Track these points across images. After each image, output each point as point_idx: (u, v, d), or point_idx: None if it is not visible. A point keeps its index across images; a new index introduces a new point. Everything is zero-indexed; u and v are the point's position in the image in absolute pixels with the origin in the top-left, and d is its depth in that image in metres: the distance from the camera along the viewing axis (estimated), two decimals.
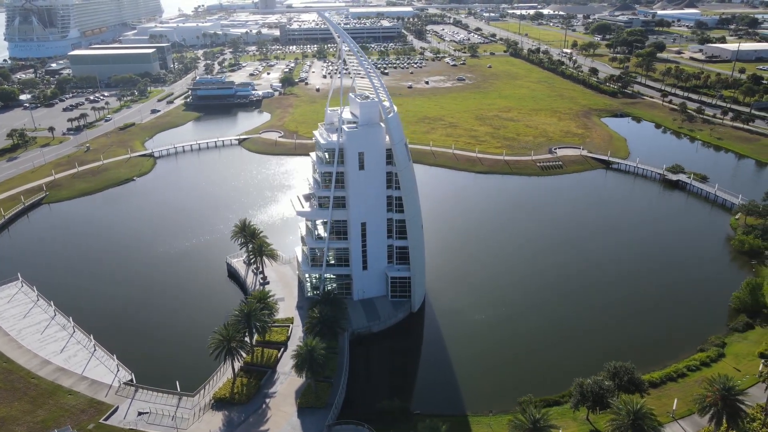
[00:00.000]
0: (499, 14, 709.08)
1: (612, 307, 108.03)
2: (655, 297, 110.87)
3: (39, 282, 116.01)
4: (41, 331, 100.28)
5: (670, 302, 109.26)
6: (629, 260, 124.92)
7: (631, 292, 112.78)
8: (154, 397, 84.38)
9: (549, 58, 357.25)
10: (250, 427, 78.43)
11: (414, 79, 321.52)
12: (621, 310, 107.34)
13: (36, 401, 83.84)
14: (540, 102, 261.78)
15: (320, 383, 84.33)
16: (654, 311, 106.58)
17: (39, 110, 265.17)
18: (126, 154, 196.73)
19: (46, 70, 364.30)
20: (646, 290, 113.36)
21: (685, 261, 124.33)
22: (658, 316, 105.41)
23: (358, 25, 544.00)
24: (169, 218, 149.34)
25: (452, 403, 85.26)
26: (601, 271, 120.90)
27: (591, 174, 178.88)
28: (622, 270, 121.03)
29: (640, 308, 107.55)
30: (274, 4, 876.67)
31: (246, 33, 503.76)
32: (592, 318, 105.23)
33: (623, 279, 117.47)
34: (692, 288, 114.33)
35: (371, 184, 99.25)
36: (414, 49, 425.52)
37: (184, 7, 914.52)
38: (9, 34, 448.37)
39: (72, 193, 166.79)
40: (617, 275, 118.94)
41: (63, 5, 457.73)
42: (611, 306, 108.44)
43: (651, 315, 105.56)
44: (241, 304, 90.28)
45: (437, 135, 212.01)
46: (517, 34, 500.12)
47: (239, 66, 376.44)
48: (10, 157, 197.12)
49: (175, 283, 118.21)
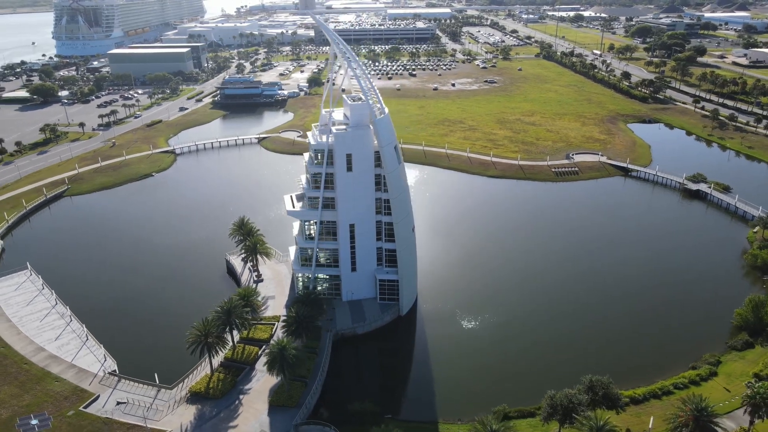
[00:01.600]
0: (538, 16, 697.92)
1: (612, 319, 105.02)
2: (658, 310, 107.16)
3: (48, 271, 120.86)
4: (41, 319, 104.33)
5: (672, 316, 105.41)
6: (635, 271, 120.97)
7: (633, 304, 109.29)
8: (135, 388, 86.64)
9: (581, 62, 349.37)
10: (220, 422, 79.64)
11: (441, 81, 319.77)
12: (621, 322, 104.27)
13: (24, 386, 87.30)
14: (565, 106, 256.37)
15: (294, 382, 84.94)
16: (654, 325, 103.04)
17: (75, 106, 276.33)
18: (148, 150, 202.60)
19: (87, 68, 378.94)
20: (649, 302, 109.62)
21: (694, 274, 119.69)
22: (657, 329, 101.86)
23: (392, 27, 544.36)
24: (179, 213, 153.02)
25: (426, 409, 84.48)
26: (605, 282, 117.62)
27: (608, 181, 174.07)
28: (626, 281, 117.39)
29: (640, 321, 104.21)
30: (313, 5, 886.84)
31: (281, 33, 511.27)
32: (589, 330, 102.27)
33: (626, 290, 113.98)
34: (697, 302, 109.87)
35: (359, 186, 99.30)
36: (445, 51, 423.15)
37: (227, 8, 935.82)
38: (56, 32, 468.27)
39: (92, 187, 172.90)
40: (620, 286, 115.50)
41: (108, 5, 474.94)
42: (611, 317, 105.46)
43: (650, 328, 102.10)
44: (222, 300, 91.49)
45: (455, 138, 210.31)
46: (554, 37, 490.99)
47: (271, 66, 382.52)
48: (41, 150, 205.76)
49: (176, 277, 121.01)
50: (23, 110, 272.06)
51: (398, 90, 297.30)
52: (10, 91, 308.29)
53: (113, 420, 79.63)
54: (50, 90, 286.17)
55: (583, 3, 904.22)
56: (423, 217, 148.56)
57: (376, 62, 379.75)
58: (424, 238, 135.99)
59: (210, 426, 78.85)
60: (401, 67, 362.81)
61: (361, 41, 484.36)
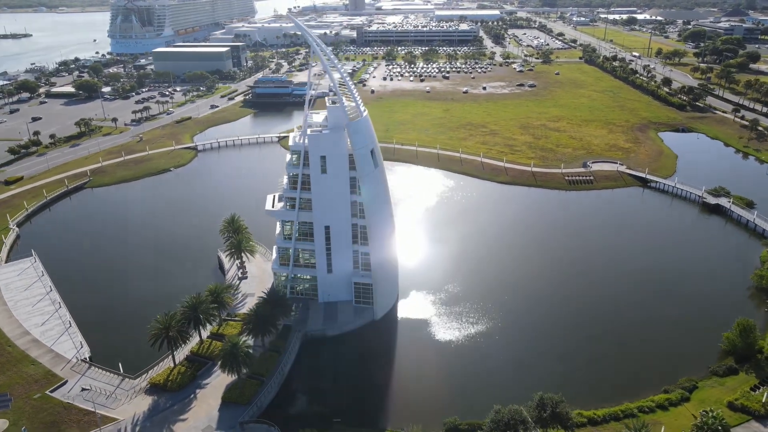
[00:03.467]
0: (590, 19, 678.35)
1: (599, 335, 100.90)
2: (649, 327, 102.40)
3: (52, 259, 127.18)
4: (33, 304, 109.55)
5: (662, 335, 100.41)
6: (633, 286, 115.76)
7: (623, 320, 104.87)
8: (102, 376, 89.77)
9: (622, 67, 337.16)
10: (171, 414, 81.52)
11: (473, 84, 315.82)
12: (607, 338, 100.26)
13: (3, 367, 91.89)
14: (595, 113, 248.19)
15: (250, 380, 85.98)
16: (641, 342, 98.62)
17: (115, 102, 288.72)
18: (171, 146, 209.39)
19: (134, 66, 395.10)
20: (640, 319, 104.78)
21: (696, 292, 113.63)
22: (643, 348, 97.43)
23: (434, 28, 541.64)
24: (185, 208, 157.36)
25: (377, 416, 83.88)
26: (598, 296, 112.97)
27: (624, 191, 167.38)
28: (621, 296, 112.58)
29: (627, 338, 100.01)
30: (363, 6, 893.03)
31: (324, 34, 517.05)
32: (573, 344, 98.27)
33: (619, 305, 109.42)
34: (691, 322, 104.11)
35: (334, 188, 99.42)
36: (484, 54, 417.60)
37: (279, 9, 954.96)
38: (111, 31, 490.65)
39: (112, 180, 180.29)
40: (614, 301, 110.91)
41: (160, 5, 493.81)
42: (599, 333, 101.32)
43: (636, 346, 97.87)
44: (188, 296, 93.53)
45: (472, 142, 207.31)
46: (601, 40, 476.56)
47: (308, 66, 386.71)
48: (74, 143, 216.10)
49: (167, 270, 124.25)
50: (68, 105, 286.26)
51: (428, 92, 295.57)
52: (60, 87, 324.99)
53: (73, 405, 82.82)
54: (94, 86, 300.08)
55: (641, 6, 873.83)
56: (421, 220, 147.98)
57: (412, 64, 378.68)
58: (419, 242, 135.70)
59: (161, 417, 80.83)
60: (436, 70, 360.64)
61: (402, 42, 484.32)
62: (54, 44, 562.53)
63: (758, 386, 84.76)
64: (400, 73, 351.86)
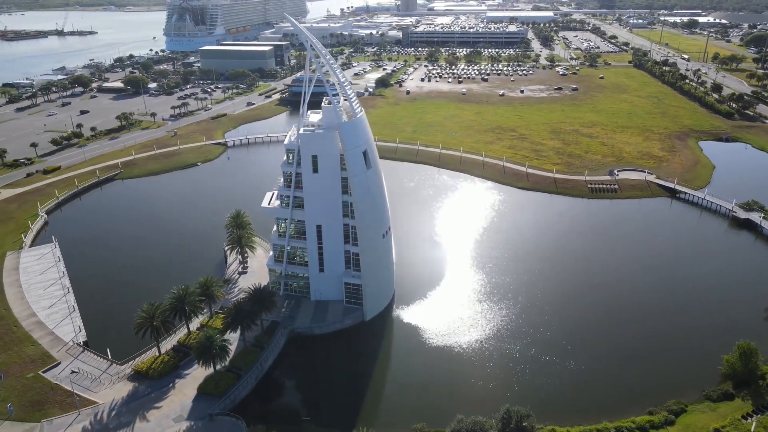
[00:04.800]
0: (647, 21, 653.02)
1: (598, 349, 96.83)
2: (653, 345, 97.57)
3: (71, 245, 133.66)
4: (44, 288, 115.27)
5: (665, 353, 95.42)
6: (643, 300, 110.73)
7: (629, 335, 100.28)
8: (92, 360, 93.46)
9: (671, 72, 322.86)
10: (148, 401, 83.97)
11: (511, 87, 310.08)
12: (606, 353, 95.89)
13: (5, 347, 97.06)
14: (634, 119, 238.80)
15: (227, 373, 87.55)
16: (641, 360, 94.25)
17: (159, 97, 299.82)
18: (202, 141, 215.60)
19: (183, 63, 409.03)
20: (647, 335, 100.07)
21: (709, 311, 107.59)
22: (641, 365, 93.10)
23: (481, 30, 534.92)
24: (204, 201, 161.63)
25: (348, 417, 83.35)
26: (605, 310, 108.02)
27: (649, 202, 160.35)
28: (629, 311, 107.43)
29: (628, 354, 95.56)
30: (415, 7, 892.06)
31: (370, 34, 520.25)
32: (568, 358, 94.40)
33: (624, 320, 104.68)
34: (699, 342, 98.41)
35: (325, 188, 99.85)
36: (528, 56, 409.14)
37: (333, 9, 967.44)
38: (167, 29, 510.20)
39: (141, 172, 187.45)
40: (619, 315, 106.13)
41: (213, 5, 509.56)
42: (598, 347, 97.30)
43: (635, 363, 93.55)
44: (176, 287, 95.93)
45: (499, 146, 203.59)
46: (656, 44, 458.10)
47: (350, 66, 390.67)
48: (113, 136, 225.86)
49: (175, 261, 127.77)
50: (116, 99, 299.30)
51: (463, 94, 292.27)
52: (110, 82, 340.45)
53: (59, 386, 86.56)
54: (141, 82, 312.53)
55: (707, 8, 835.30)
56: (430, 223, 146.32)
57: (453, 65, 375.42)
58: (423, 246, 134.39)
59: (138, 404, 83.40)
60: (476, 72, 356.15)
61: (446, 44, 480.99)
62: (115, 41, 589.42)
63: (751, 414, 79.43)
64: (439, 74, 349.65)
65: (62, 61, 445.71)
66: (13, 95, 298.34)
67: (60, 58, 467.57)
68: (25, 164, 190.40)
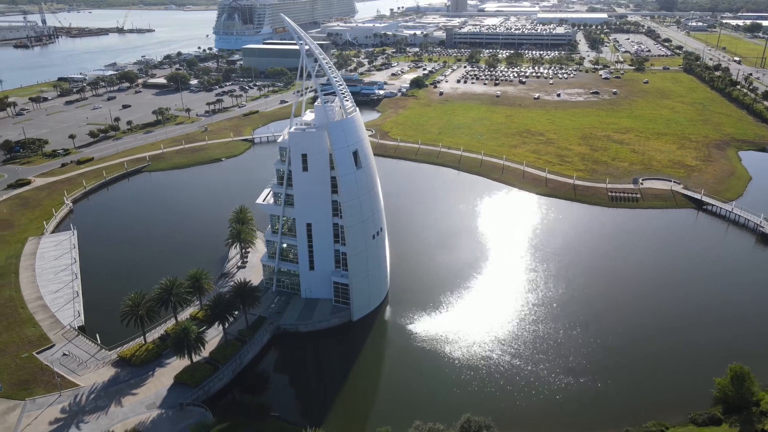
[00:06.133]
0: (707, 25, 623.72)
1: (594, 364, 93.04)
2: (651, 363, 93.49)
3: (89, 233, 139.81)
4: (55, 273, 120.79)
5: (661, 373, 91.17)
6: (649, 316, 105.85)
7: (627, 351, 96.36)
8: (84, 344, 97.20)
9: (722, 77, 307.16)
10: (126, 387, 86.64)
11: (548, 90, 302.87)
12: (601, 369, 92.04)
13: (9, 327, 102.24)
14: (672, 126, 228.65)
15: (204, 365, 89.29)
16: (634, 377, 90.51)
17: (199, 94, 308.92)
18: (229, 137, 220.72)
19: (227, 60, 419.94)
20: (647, 353, 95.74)
21: (718, 332, 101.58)
22: (632, 382, 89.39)
23: (526, 31, 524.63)
24: (222, 196, 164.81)
25: (316, 415, 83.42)
26: (609, 323, 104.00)
27: (673, 213, 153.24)
28: (632, 326, 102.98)
29: (622, 371, 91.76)
30: (465, 8, 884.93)
31: (414, 35, 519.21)
32: (557, 371, 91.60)
33: (628, 336, 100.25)
34: (701, 362, 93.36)
35: (315, 187, 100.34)
36: (572, 59, 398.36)
37: (383, 9, 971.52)
38: (216, 28, 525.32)
39: (167, 165, 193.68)
40: (624, 330, 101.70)
41: (261, 4, 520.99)
42: (594, 362, 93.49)
43: (625, 379, 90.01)
44: (164, 278, 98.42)
45: (523, 150, 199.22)
46: (712, 48, 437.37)
47: (389, 65, 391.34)
48: (147, 130, 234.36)
49: (181, 253, 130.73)
50: (158, 95, 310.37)
51: (497, 97, 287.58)
52: (155, 78, 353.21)
53: (48, 368, 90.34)
54: (183, 78, 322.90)
55: None
56: (438, 227, 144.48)
57: (493, 67, 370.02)
58: (425, 249, 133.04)
59: (116, 389, 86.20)
60: (515, 74, 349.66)
61: (490, 45, 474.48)
62: (170, 39, 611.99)
63: None
64: (476, 76, 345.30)
65: (118, 57, 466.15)
66: (65, 89, 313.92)
67: (115, 55, 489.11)
68: (61, 155, 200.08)
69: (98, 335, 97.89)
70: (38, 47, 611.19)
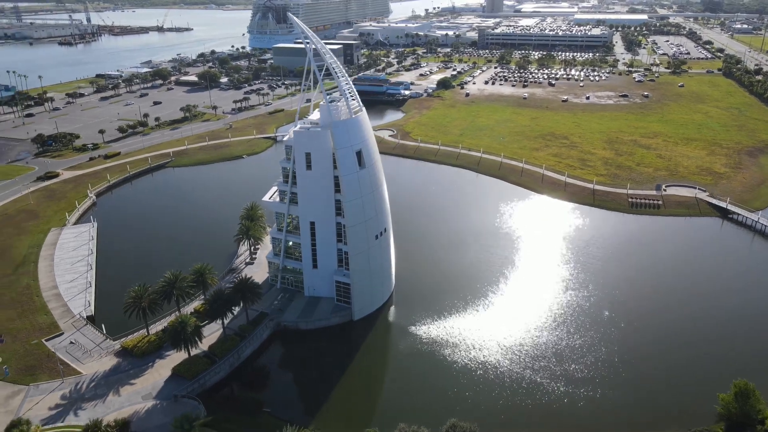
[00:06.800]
0: (752, 27, 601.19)
1: (598, 376, 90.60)
2: (654, 375, 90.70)
3: (110, 225, 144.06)
4: (72, 263, 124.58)
5: (668, 386, 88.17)
6: (664, 326, 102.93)
7: (636, 364, 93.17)
8: (90, 333, 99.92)
9: (762, 81, 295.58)
10: (126, 377, 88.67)
11: (577, 92, 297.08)
12: (604, 380, 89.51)
13: (23, 313, 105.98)
14: (704, 131, 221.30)
15: (202, 358, 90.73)
16: (638, 388, 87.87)
17: (228, 92, 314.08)
18: (252, 135, 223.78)
19: (258, 59, 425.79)
20: (655, 366, 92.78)
21: (734, 347, 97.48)
22: (635, 395, 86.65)
23: (561, 33, 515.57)
24: (239, 192, 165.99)
25: (307, 414, 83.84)
26: (619, 332, 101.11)
27: (695, 221, 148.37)
28: (645, 336, 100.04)
29: (626, 384, 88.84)
30: (501, 8, 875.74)
31: (445, 35, 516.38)
32: (557, 380, 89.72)
33: (640, 347, 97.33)
34: (711, 377, 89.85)
35: (318, 185, 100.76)
36: (605, 61, 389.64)
37: (419, 9, 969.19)
38: (250, 27, 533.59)
39: (190, 161, 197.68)
40: (635, 341, 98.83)
41: (294, 4, 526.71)
42: (598, 373, 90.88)
43: (631, 391, 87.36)
44: (168, 271, 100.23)
45: (544, 154, 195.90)
46: (757, 51, 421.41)
47: (418, 66, 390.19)
48: (174, 127, 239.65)
49: (194, 248, 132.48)
50: (189, 92, 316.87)
51: (524, 99, 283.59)
52: (187, 76, 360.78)
53: (54, 355, 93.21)
54: (213, 76, 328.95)
55: None
56: (447, 229, 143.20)
57: (523, 69, 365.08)
58: (436, 251, 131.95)
59: (115, 379, 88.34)
60: (545, 76, 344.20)
61: (522, 46, 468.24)
62: (207, 38, 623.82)
63: None
64: (505, 77, 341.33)
65: (155, 55, 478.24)
66: (101, 85, 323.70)
67: (153, 53, 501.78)
68: (90, 149, 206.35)
69: (105, 325, 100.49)
70: (81, 45, 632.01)
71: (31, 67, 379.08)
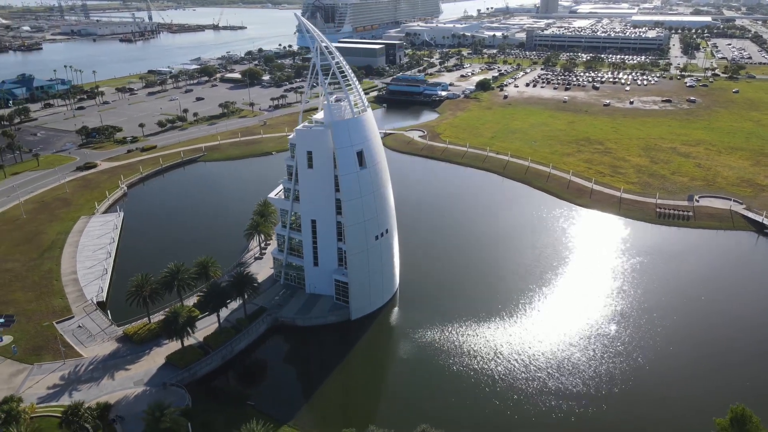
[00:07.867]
0: None
1: (596, 386, 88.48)
2: (655, 394, 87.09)
3: (136, 216, 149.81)
4: (94, 251, 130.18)
5: (666, 408, 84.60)
6: (678, 345, 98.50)
7: (638, 383, 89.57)
8: (98, 319, 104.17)
9: None
10: (123, 362, 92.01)
11: (622, 96, 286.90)
12: (602, 392, 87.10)
13: (40, 296, 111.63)
14: (752, 140, 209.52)
15: (195, 349, 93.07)
16: (634, 407, 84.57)
17: (269, 89, 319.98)
18: (284, 132, 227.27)
19: (302, 58, 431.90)
20: (656, 382, 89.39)
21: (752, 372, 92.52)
22: (632, 413, 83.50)
23: (613, 35, 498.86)
24: (259, 188, 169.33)
25: (290, 410, 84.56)
26: (626, 350, 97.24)
27: (728, 235, 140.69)
28: (656, 353, 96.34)
29: (626, 399, 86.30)
30: (555, 9, 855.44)
31: (492, 36, 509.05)
32: (551, 392, 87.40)
33: (648, 363, 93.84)
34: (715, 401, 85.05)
35: (319, 184, 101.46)
36: (657, 65, 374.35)
37: (471, 10, 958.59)
38: (298, 26, 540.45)
39: (221, 156, 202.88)
40: (643, 358, 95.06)
41: (343, 4, 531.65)
42: (596, 389, 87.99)
43: (627, 409, 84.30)
44: (171, 263, 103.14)
45: (575, 159, 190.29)
46: None
47: (460, 67, 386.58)
48: (211, 122, 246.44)
49: (212, 240, 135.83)
50: (232, 89, 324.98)
51: (564, 102, 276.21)
52: (233, 73, 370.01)
53: (61, 337, 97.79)
54: (255, 74, 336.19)
55: None
56: (461, 232, 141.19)
57: (568, 71, 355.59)
58: (446, 255, 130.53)
59: (113, 363, 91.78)
60: (590, 79, 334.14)
61: (571, 48, 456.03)
62: (258, 36, 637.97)
63: None
64: (548, 79, 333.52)
65: (207, 52, 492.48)
66: (150, 81, 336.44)
67: (205, 50, 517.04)
68: (129, 142, 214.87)
69: (112, 312, 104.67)
70: (140, 42, 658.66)
71: (91, 62, 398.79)
